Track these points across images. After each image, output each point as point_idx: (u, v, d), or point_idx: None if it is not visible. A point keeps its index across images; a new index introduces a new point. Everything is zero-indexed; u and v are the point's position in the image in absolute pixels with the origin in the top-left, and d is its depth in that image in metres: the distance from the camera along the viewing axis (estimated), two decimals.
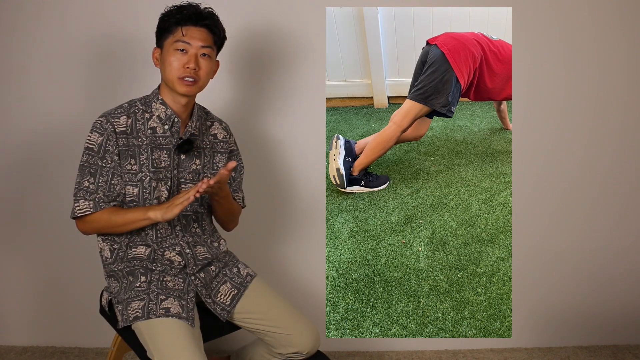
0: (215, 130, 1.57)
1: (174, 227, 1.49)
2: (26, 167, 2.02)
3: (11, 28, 1.94)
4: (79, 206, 1.38)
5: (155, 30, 1.44)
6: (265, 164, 2.09)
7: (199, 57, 1.40)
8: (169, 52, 1.39)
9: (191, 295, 1.46)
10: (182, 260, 1.48)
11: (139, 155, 1.42)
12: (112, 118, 1.40)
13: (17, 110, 1.99)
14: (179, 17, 1.39)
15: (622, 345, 2.30)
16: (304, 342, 1.50)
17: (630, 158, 2.19)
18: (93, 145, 1.39)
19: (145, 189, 1.42)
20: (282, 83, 2.05)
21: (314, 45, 2.02)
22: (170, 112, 1.44)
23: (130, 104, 1.45)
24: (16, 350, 2.09)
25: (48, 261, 2.08)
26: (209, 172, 1.53)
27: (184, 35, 1.38)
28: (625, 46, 2.12)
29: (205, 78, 1.43)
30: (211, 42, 1.42)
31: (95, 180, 1.39)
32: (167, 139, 1.45)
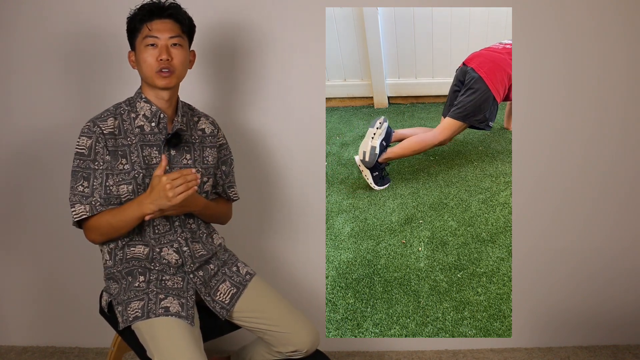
0: (203, 125, 1.59)
1: (173, 223, 1.49)
2: (26, 168, 2.02)
3: (6, 27, 1.94)
4: (75, 211, 1.39)
5: (127, 35, 1.46)
6: (265, 164, 2.09)
7: (169, 47, 1.42)
8: (140, 50, 1.42)
9: (191, 294, 1.46)
10: (180, 259, 1.48)
11: (129, 154, 1.43)
12: (99, 121, 1.42)
13: (17, 110, 1.99)
14: (142, 14, 1.42)
15: (622, 345, 2.30)
16: (303, 341, 1.50)
17: (630, 158, 2.19)
18: (83, 150, 1.40)
19: (139, 186, 1.43)
20: (282, 83, 2.05)
21: (314, 45, 2.02)
22: (155, 108, 1.46)
23: (116, 107, 1.47)
24: (16, 350, 2.09)
25: (48, 261, 2.08)
26: (200, 167, 1.54)
27: (150, 30, 1.41)
28: (626, 46, 2.12)
29: (180, 67, 1.45)
30: (179, 31, 1.44)
31: (90, 184, 1.39)
32: (155, 135, 1.46)
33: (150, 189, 1.33)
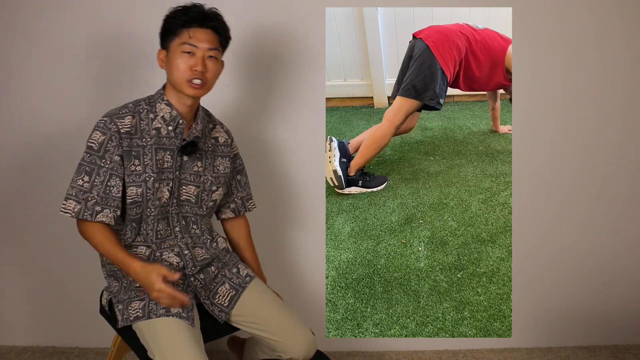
0: (217, 133, 1.57)
1: (174, 228, 1.49)
2: (26, 168, 2.01)
3: (11, 27, 1.94)
4: (65, 205, 1.36)
5: (160, 32, 1.42)
6: (265, 163, 2.09)
7: (206, 59, 1.39)
8: (175, 54, 1.38)
9: (190, 297, 1.46)
10: (181, 262, 1.48)
11: (143, 156, 1.41)
12: (116, 118, 1.38)
13: (17, 111, 1.98)
14: (185, 18, 1.37)
15: (622, 345, 2.30)
16: (298, 349, 1.50)
17: (630, 158, 2.19)
18: (93, 144, 1.37)
19: (149, 190, 1.41)
20: (282, 83, 2.05)
21: (314, 45, 2.02)
22: (175, 113, 1.43)
23: (135, 104, 1.43)
24: (16, 350, 2.09)
25: (48, 261, 2.08)
26: (209, 175, 1.53)
27: (190, 38, 1.37)
28: (626, 46, 2.12)
29: (212, 80, 1.43)
30: (217, 44, 1.41)
31: (91, 179, 1.36)
32: (170, 140, 1.44)
33: (147, 271, 1.30)
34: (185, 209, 1.49)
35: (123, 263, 1.34)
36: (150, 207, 1.42)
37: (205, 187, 1.51)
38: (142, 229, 1.44)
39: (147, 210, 1.43)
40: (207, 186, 1.52)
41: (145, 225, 1.44)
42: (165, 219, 1.46)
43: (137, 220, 1.44)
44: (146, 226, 1.44)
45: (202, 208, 1.53)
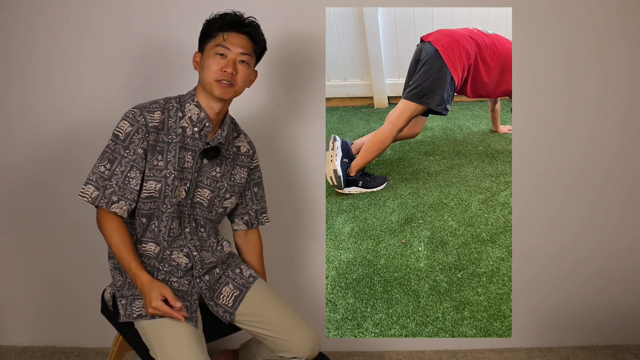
0: (240, 142, 1.59)
1: (184, 229, 1.49)
2: (26, 168, 2.01)
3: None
4: (83, 190, 1.38)
5: (199, 36, 1.47)
6: (264, 163, 2.08)
7: (237, 62, 1.42)
8: (209, 55, 1.42)
9: (194, 298, 1.47)
10: (190, 262, 1.48)
11: (166, 152, 1.42)
12: (146, 112, 1.41)
13: (17, 112, 1.98)
14: (222, 22, 1.42)
15: (622, 345, 2.30)
16: (303, 348, 1.51)
17: (630, 158, 2.19)
18: (120, 133, 1.39)
19: (167, 186, 1.42)
20: (282, 83, 2.05)
21: (314, 45, 2.02)
22: (202, 115, 1.45)
23: (166, 101, 1.46)
24: (16, 350, 2.09)
25: (48, 261, 2.08)
26: (226, 182, 1.54)
27: (224, 40, 1.41)
28: (626, 46, 2.12)
29: (241, 84, 1.45)
30: (251, 50, 1.44)
31: (112, 167, 1.38)
32: (194, 141, 1.45)
33: (153, 287, 1.33)
34: (196, 211, 1.51)
35: (133, 273, 1.36)
36: (166, 203, 1.43)
37: (219, 194, 1.53)
38: (152, 225, 1.45)
39: (163, 206, 1.44)
40: (221, 192, 1.53)
41: (157, 222, 1.45)
42: (179, 218, 1.47)
43: (147, 216, 1.44)
44: (159, 223, 1.45)
45: (212, 213, 1.54)
